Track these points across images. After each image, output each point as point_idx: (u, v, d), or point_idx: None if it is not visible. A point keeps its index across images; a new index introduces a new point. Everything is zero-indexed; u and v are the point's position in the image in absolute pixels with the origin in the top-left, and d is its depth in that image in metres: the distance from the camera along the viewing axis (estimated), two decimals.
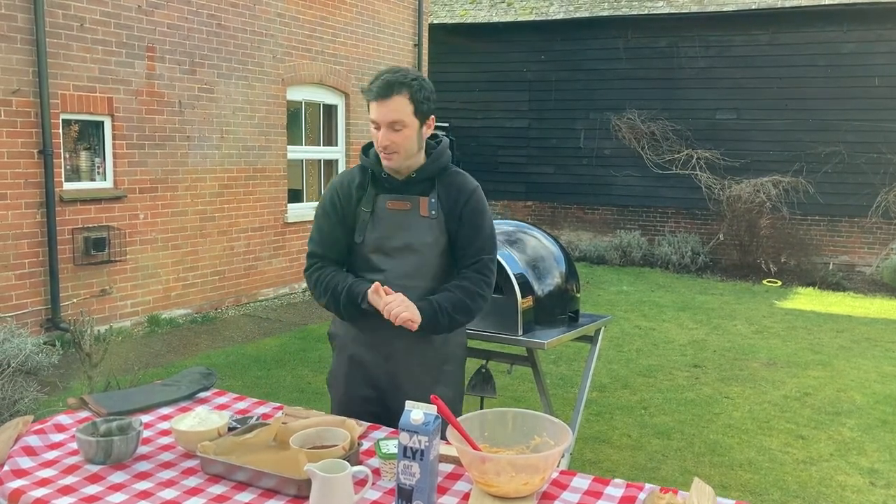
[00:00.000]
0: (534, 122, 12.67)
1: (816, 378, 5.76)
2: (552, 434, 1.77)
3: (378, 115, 2.15)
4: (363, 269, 2.29)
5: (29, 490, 1.63)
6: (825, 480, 3.95)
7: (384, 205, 2.25)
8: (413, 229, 2.24)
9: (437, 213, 2.24)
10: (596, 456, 4.19)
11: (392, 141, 2.16)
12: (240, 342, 6.62)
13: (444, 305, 2.20)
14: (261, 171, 8.22)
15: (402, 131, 2.15)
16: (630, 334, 7.04)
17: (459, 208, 2.26)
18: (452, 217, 2.26)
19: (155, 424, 2.07)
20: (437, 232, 2.24)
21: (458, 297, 2.23)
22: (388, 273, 2.24)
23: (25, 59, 5.95)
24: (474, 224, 2.27)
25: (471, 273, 2.28)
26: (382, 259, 2.25)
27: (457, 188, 2.28)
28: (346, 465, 1.57)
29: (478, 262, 2.29)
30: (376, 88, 2.14)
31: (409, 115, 2.15)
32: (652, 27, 11.63)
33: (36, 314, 6.16)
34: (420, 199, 2.25)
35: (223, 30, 7.64)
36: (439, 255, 2.26)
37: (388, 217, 2.25)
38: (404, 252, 2.24)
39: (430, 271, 2.26)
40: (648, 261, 11.20)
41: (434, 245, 2.25)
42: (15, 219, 5.97)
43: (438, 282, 2.27)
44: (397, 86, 2.13)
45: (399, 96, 2.13)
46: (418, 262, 2.25)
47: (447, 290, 2.25)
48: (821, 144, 10.69)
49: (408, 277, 2.24)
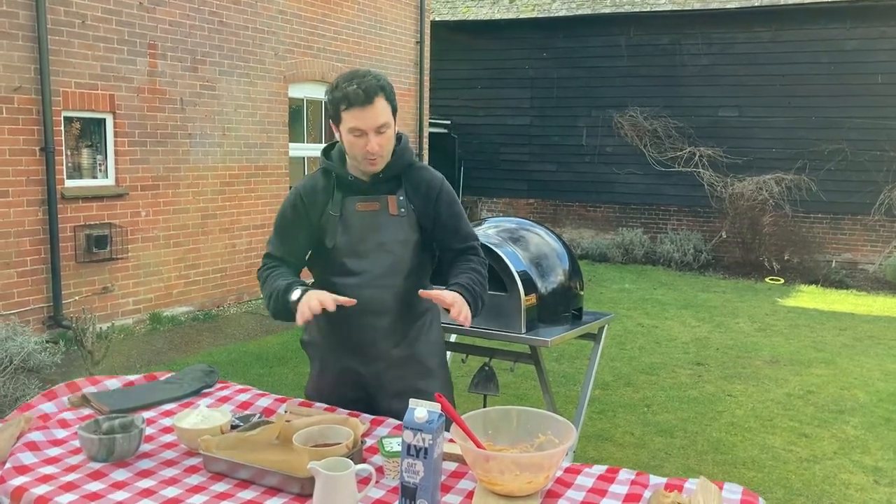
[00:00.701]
0: (536, 120, 12.65)
1: (819, 376, 5.75)
2: (556, 432, 1.76)
3: (364, 123, 2.09)
4: (337, 274, 2.24)
5: (31, 487, 1.62)
6: (829, 478, 3.94)
7: (353, 207, 2.22)
8: (384, 229, 2.22)
9: (406, 211, 2.23)
10: (599, 454, 4.18)
11: (381, 145, 2.12)
12: (242, 340, 6.62)
13: (476, 286, 2.20)
14: (262, 168, 8.22)
15: (387, 133, 2.14)
16: (633, 332, 7.03)
17: (432, 203, 2.26)
18: (426, 214, 2.25)
19: (157, 421, 2.07)
20: (407, 230, 2.23)
21: (478, 277, 2.24)
22: (362, 275, 2.22)
23: (27, 57, 5.95)
24: (453, 213, 2.29)
25: (471, 255, 2.31)
26: (356, 262, 2.22)
27: (425, 184, 2.27)
28: (350, 463, 1.57)
29: (471, 247, 2.31)
30: (360, 94, 2.06)
31: (390, 115, 2.14)
32: (654, 24, 11.61)
33: (38, 312, 6.16)
34: (388, 199, 2.22)
35: (225, 27, 7.63)
36: (412, 252, 2.25)
37: (358, 219, 2.22)
38: (377, 252, 2.22)
39: (404, 269, 2.24)
40: (651, 258, 11.19)
41: (406, 243, 2.23)
42: (17, 216, 5.97)
43: (413, 279, 2.26)
44: (377, 89, 2.09)
45: (379, 99, 2.09)
46: (392, 261, 2.23)
47: (467, 272, 2.23)
48: (824, 142, 10.67)
49: (383, 277, 2.22)
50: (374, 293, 2.21)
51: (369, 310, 2.22)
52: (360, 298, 2.18)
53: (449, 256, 2.34)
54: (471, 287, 2.20)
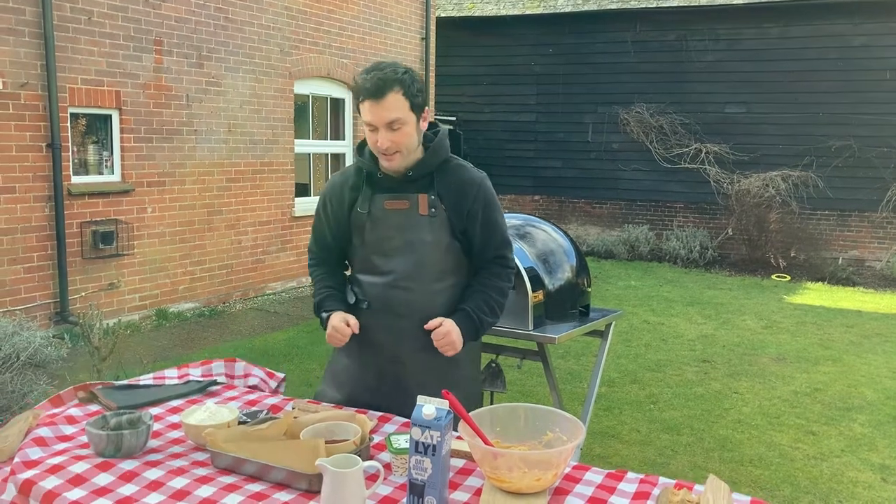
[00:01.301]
0: (541, 116, 12.62)
1: (826, 374, 5.73)
2: (564, 429, 1.75)
3: (373, 117, 2.04)
4: (365, 271, 2.22)
5: (40, 481, 1.62)
6: (836, 476, 3.93)
7: (382, 205, 2.16)
8: (412, 229, 2.15)
9: (437, 211, 2.14)
10: (605, 451, 4.17)
11: (393, 141, 2.06)
12: (247, 336, 6.63)
13: (484, 314, 2.20)
14: (268, 164, 8.22)
15: (402, 129, 2.06)
16: (638, 329, 7.02)
17: (467, 206, 2.17)
18: (458, 215, 2.16)
19: (164, 418, 2.06)
20: (437, 230, 2.15)
21: (493, 297, 2.22)
22: (389, 274, 2.17)
23: (33, 53, 5.95)
24: (488, 220, 2.20)
25: (496, 268, 2.25)
26: (383, 261, 2.18)
27: (460, 185, 2.18)
28: (358, 459, 1.56)
29: (500, 256, 2.25)
30: (369, 87, 2.03)
31: (406, 111, 2.06)
32: (661, 20, 11.56)
33: (45, 308, 6.18)
34: (419, 197, 2.15)
35: (230, 23, 7.63)
36: (441, 253, 2.17)
37: (387, 217, 2.16)
38: (405, 252, 2.15)
39: (433, 271, 2.17)
40: (656, 255, 11.16)
41: (434, 244, 2.15)
42: (24, 212, 5.98)
43: (444, 282, 2.20)
44: (390, 83, 2.03)
45: (393, 93, 2.03)
46: (419, 262, 2.16)
47: (482, 292, 2.22)
48: (831, 138, 10.62)
49: (409, 278, 2.16)
50: (400, 294, 2.17)
51: (394, 310, 2.18)
52: (386, 298, 2.18)
53: (478, 262, 2.26)
54: (475, 314, 2.18)
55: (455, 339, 2.13)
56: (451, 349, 2.14)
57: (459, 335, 2.15)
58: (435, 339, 2.12)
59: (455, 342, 2.13)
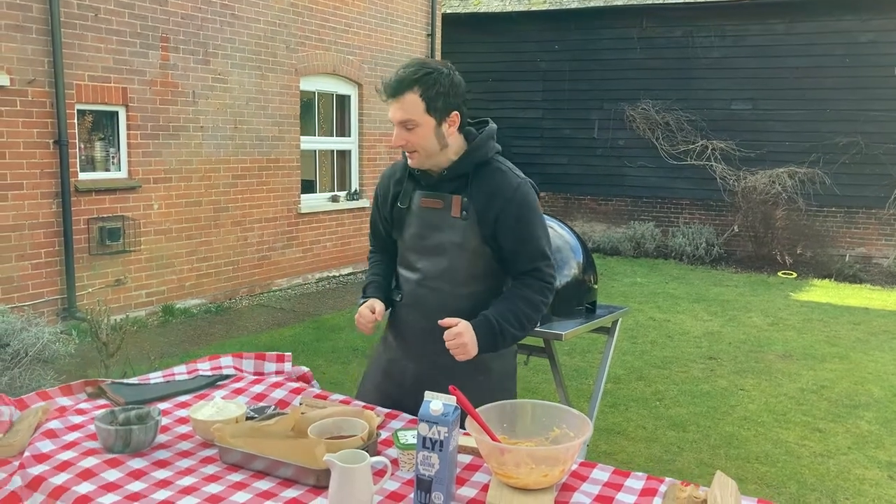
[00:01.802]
0: (547, 113, 12.60)
1: (833, 371, 5.72)
2: (572, 426, 1.75)
3: (391, 114, 2.06)
4: (402, 266, 2.26)
5: (49, 476, 1.63)
6: (843, 474, 3.92)
7: (418, 202, 2.17)
8: (443, 229, 2.12)
9: (468, 214, 2.09)
10: (611, 447, 4.17)
11: (406, 140, 2.06)
12: (254, 332, 6.64)
13: (506, 323, 2.06)
14: (274, 161, 8.23)
15: (415, 130, 2.03)
16: (644, 326, 7.01)
17: (495, 213, 2.08)
18: (485, 221, 2.09)
19: (172, 412, 2.07)
20: (467, 234, 2.09)
21: (521, 309, 2.09)
22: (420, 273, 2.18)
23: (40, 50, 5.97)
24: (520, 229, 2.09)
25: (530, 280, 2.12)
26: (416, 258, 2.18)
27: (491, 190, 2.09)
28: (366, 455, 1.56)
29: (535, 269, 2.12)
30: (389, 84, 2.04)
31: (421, 113, 2.02)
32: (667, 16, 11.53)
33: (52, 303, 6.20)
34: (453, 198, 2.11)
35: (236, 20, 7.64)
36: (470, 258, 2.11)
37: (422, 215, 2.16)
38: (436, 252, 2.14)
39: (460, 275, 2.13)
40: (662, 252, 11.14)
41: (462, 248, 2.10)
42: (31, 209, 6.00)
43: (470, 286, 2.14)
44: (408, 83, 2.01)
45: (410, 93, 2.01)
46: (447, 264, 2.13)
47: (510, 301, 2.10)
48: (838, 135, 10.57)
49: (439, 279, 2.15)
50: (427, 294, 2.17)
51: (421, 309, 2.19)
52: (415, 295, 2.20)
53: (511, 273, 2.17)
54: (497, 323, 2.05)
55: (468, 343, 2.01)
56: (462, 353, 2.02)
57: (474, 340, 2.03)
58: (446, 339, 2.02)
59: (467, 346, 2.02)
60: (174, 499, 1.57)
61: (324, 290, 8.54)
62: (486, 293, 2.16)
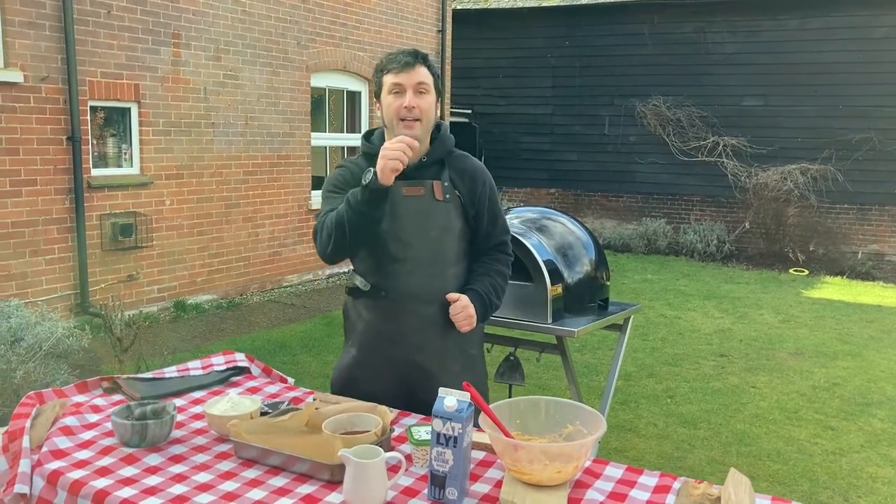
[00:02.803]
0: (557, 109, 12.58)
1: (846, 368, 5.69)
2: (585, 422, 1.75)
3: (404, 78, 2.17)
4: (382, 259, 2.22)
5: (67, 472, 1.65)
6: (855, 472, 3.90)
7: (400, 191, 2.18)
8: (430, 215, 2.21)
9: (451, 197, 2.24)
10: (622, 445, 4.17)
11: (417, 105, 2.16)
12: (265, 328, 6.67)
13: (491, 295, 2.29)
14: (285, 157, 8.25)
15: (426, 96, 2.18)
16: (655, 323, 6.99)
17: (478, 194, 2.28)
18: (471, 203, 2.27)
19: (187, 408, 2.09)
20: (452, 216, 2.24)
21: (498, 283, 2.33)
22: (407, 261, 2.20)
23: (54, 47, 6.00)
24: (493, 208, 2.33)
25: (499, 255, 2.37)
26: (401, 248, 2.20)
27: (470, 173, 2.29)
28: (380, 450, 1.57)
29: (502, 243, 2.37)
30: (400, 59, 2.19)
31: (431, 83, 2.21)
32: (678, 12, 11.47)
33: (65, 299, 6.25)
34: (433, 183, 2.23)
35: (248, 16, 7.65)
36: (455, 239, 2.26)
37: (404, 204, 2.19)
38: (422, 239, 2.21)
39: (450, 256, 2.26)
40: (673, 249, 11.11)
41: (450, 229, 2.24)
42: (44, 205, 6.05)
43: (457, 267, 2.28)
44: (421, 57, 2.21)
45: (420, 66, 2.20)
46: (437, 248, 2.23)
47: (488, 276, 2.31)
48: (851, 131, 10.50)
49: (430, 264, 2.21)
50: (420, 280, 2.21)
51: (414, 297, 2.21)
52: (405, 285, 2.20)
53: (482, 248, 2.36)
54: (486, 295, 2.27)
55: (472, 315, 2.22)
56: (468, 324, 2.22)
57: (472, 310, 2.23)
58: (454, 313, 2.20)
59: (472, 317, 2.22)
60: (190, 494, 1.58)
61: (334, 285, 8.56)
62: (465, 273, 2.32)
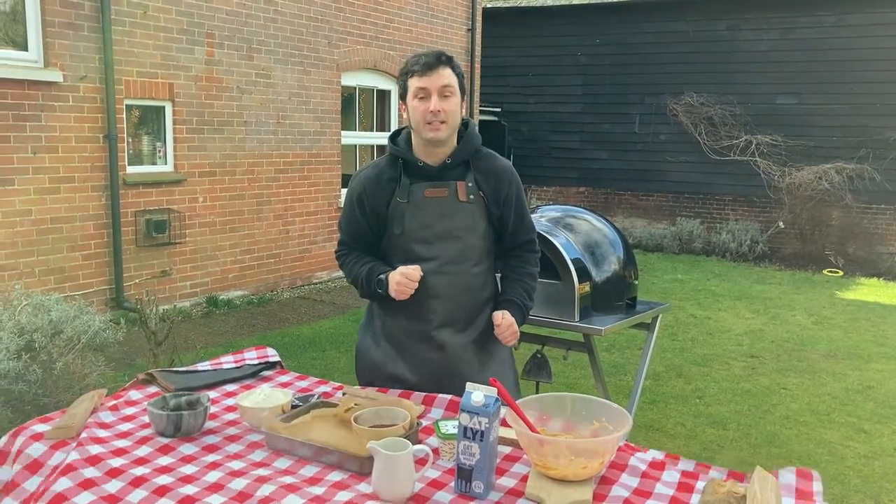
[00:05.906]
0: (587, 107, 12.51)
1: (880, 371, 5.59)
2: (611, 419, 1.76)
3: (428, 82, 2.16)
4: (404, 260, 2.24)
5: (106, 458, 1.70)
6: (888, 475, 3.85)
7: (421, 193, 2.23)
8: (453, 215, 2.24)
9: (475, 198, 2.25)
10: (649, 444, 4.14)
11: (442, 108, 2.16)
12: (295, 324, 6.75)
13: (527, 302, 2.37)
14: (315, 156, 8.33)
15: (451, 99, 2.18)
16: (685, 323, 6.94)
17: (503, 194, 2.29)
18: (495, 202, 2.28)
19: (220, 401, 2.14)
20: (476, 216, 2.26)
21: (530, 285, 2.39)
22: (431, 262, 2.23)
23: (92, 47, 6.13)
24: (520, 209, 2.35)
25: (527, 254, 2.41)
26: (424, 248, 2.23)
27: (495, 173, 2.30)
28: (408, 443, 1.60)
29: (528, 241, 2.40)
30: (424, 62, 2.18)
31: (456, 84, 2.21)
32: (712, 9, 11.34)
33: (101, 293, 6.39)
34: (457, 185, 2.24)
35: (280, 15, 7.74)
36: (480, 238, 2.28)
37: (427, 205, 2.23)
38: (446, 239, 2.24)
39: (473, 256, 2.28)
40: (706, 249, 11.00)
41: (474, 229, 2.26)
42: (82, 201, 6.18)
43: (481, 266, 2.31)
44: (445, 59, 2.20)
45: (444, 68, 2.19)
46: (461, 248, 2.25)
47: (520, 281, 2.37)
48: (889, 130, 10.30)
49: (452, 264, 2.24)
50: (443, 279, 2.24)
51: (436, 296, 2.24)
52: (428, 285, 2.22)
53: (509, 246, 2.39)
54: (522, 303, 2.34)
55: (516, 330, 2.30)
56: (514, 339, 2.31)
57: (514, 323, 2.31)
58: (500, 332, 2.27)
59: (517, 332, 2.31)
60: (224, 480, 1.62)
61: None
62: (489, 270, 2.37)
